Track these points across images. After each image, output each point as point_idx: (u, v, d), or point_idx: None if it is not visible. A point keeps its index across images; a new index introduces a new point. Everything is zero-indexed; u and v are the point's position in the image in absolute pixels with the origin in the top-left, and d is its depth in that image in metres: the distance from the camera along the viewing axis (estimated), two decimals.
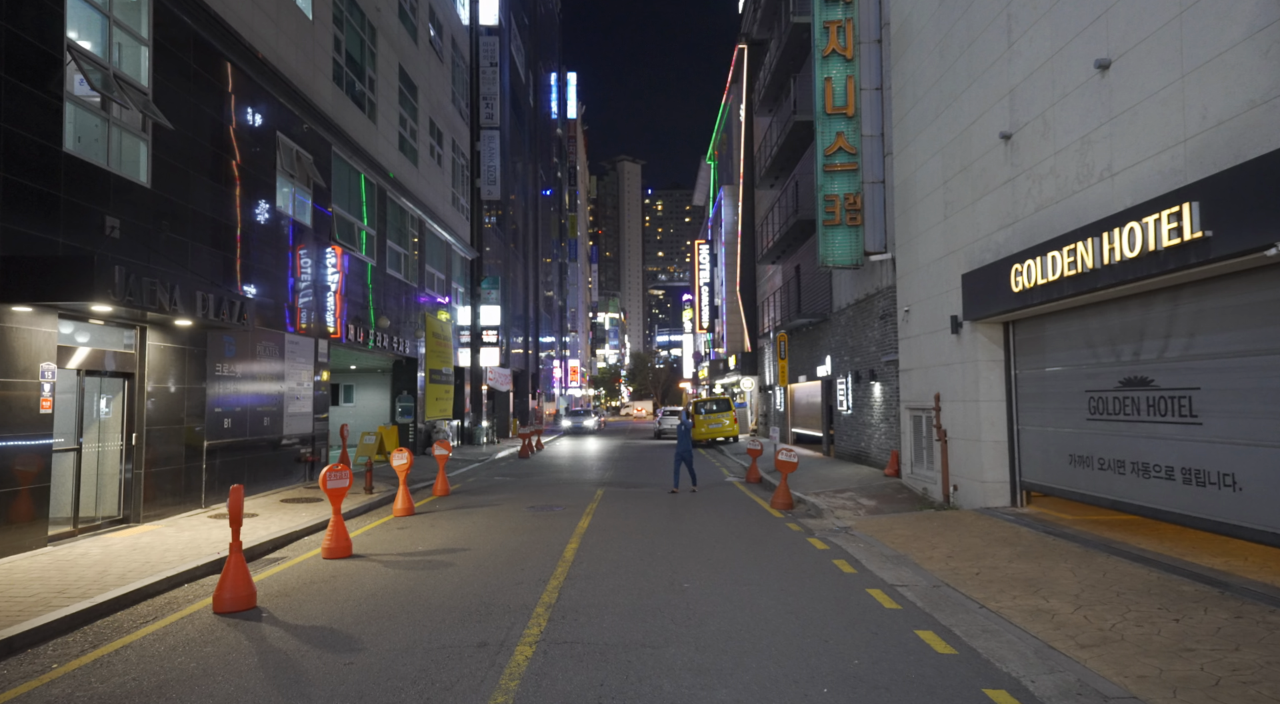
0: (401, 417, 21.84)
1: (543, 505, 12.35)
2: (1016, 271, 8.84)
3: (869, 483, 13.99)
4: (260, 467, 13.05)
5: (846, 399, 17.80)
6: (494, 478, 17.26)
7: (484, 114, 30.85)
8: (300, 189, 14.82)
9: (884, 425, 15.22)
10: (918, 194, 12.55)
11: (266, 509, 11.48)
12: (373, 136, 18.38)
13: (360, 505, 12.04)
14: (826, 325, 19.79)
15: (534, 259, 45.21)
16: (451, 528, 10.29)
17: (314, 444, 15.14)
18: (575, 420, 42.73)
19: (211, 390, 11.55)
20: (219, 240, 11.72)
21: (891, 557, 8.09)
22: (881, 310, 15.10)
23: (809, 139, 20.54)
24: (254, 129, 12.83)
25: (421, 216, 22.37)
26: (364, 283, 17.90)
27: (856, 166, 14.94)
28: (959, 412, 11.06)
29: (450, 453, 14.24)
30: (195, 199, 11.07)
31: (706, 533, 9.75)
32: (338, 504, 8.58)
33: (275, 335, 13.49)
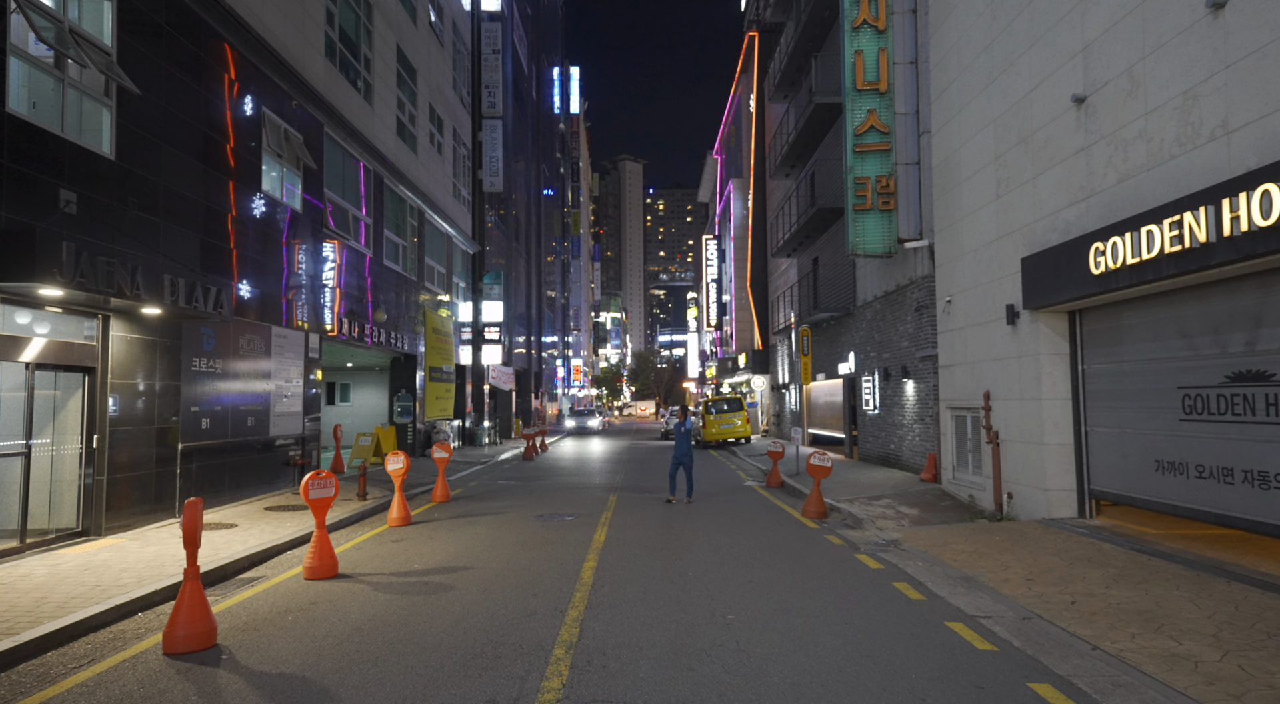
0: (400, 417, 20.77)
1: (552, 514, 11.26)
2: (1098, 251, 7.74)
3: (904, 489, 12.90)
4: (244, 471, 11.97)
5: (873, 398, 16.70)
6: (497, 482, 16.18)
7: (486, 103, 29.77)
8: (290, 171, 13.74)
9: (918, 426, 14.12)
10: (962, 173, 11.45)
11: (248, 518, 10.39)
12: (369, 119, 17.30)
13: (352, 514, 10.96)
14: (849, 320, 18.69)
15: (536, 256, 44.15)
16: (452, 541, 9.20)
17: (304, 446, 14.06)
18: (579, 421, 41.65)
19: (187, 387, 10.46)
20: (196, 223, 10.64)
21: (960, 578, 7.00)
22: (916, 302, 14.00)
23: (829, 123, 19.46)
24: (236, 102, 11.75)
25: (421, 206, 21.29)
26: (360, 274, 16.83)
27: (889, 146, 13.84)
28: (1014, 411, 9.97)
29: (451, 455, 13.18)
30: (169, 175, 9.98)
31: (740, 548, 8.65)
32: (321, 517, 7.50)
33: (261, 328, 12.41)
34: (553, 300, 52.66)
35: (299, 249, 13.86)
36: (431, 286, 22.74)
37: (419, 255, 21.45)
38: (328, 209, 15.21)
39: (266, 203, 12.68)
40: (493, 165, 29.48)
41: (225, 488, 11.42)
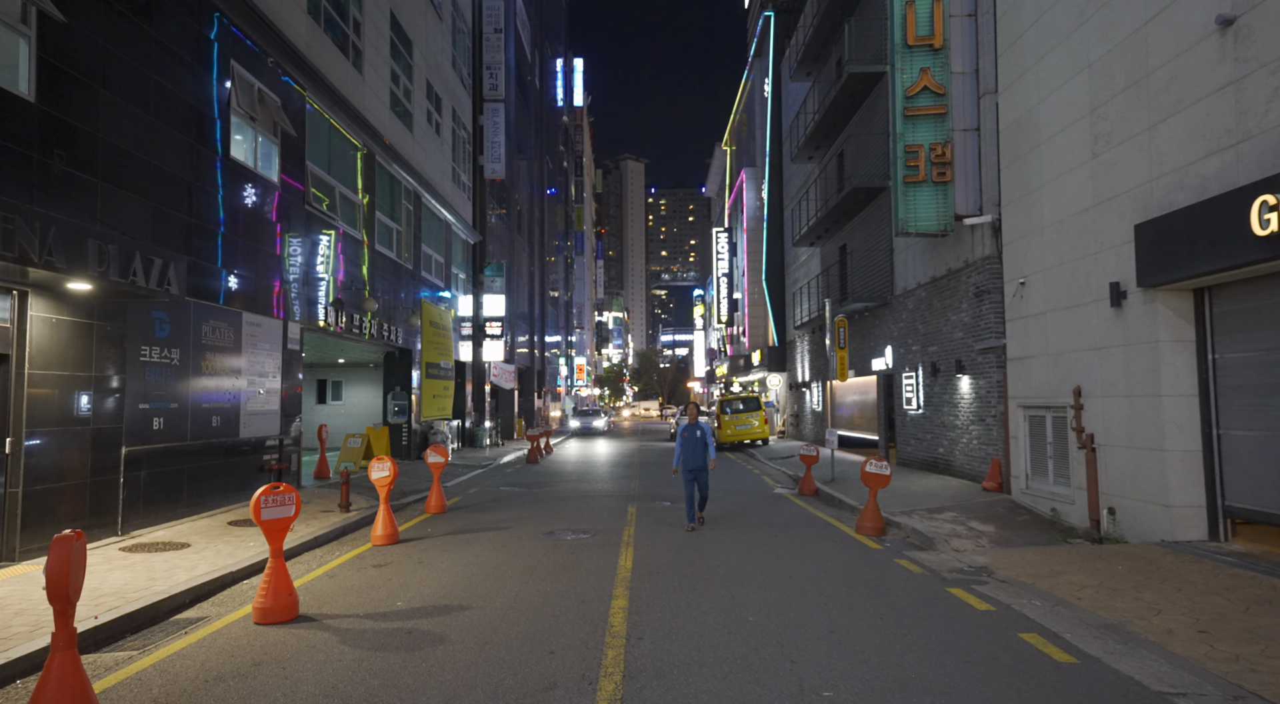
0: (394, 416, 19.16)
1: (565, 530, 9.63)
2: (1265, 206, 6.10)
3: (966, 499, 11.26)
4: (207, 478, 10.35)
5: (916, 396, 15.06)
6: (499, 488, 14.56)
7: (488, 85, 28.15)
8: (266, 137, 12.12)
9: (976, 428, 12.48)
10: (1041, 133, 9.82)
11: (206, 535, 8.78)
12: (358, 89, 15.69)
13: (330, 528, 9.34)
14: (885, 311, 17.05)
15: (539, 251, 42.52)
16: (446, 566, 7.57)
17: (282, 449, 12.44)
18: (584, 421, 40.03)
19: (135, 381, 8.85)
20: (147, 188, 9.03)
21: (1103, 627, 5.37)
22: (974, 287, 12.36)
23: (863, 95, 17.83)
24: (197, 50, 10.13)
25: (417, 189, 19.68)
26: (349, 259, 15.21)
27: (945, 110, 12.20)
28: (1118, 411, 8.33)
29: (448, 460, 11.56)
30: (110, 128, 8.37)
31: (800, 577, 7.03)
32: (278, 543, 5.88)
33: (228, 314, 10.80)
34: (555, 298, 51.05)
35: (276, 227, 12.24)
36: (429, 276, 21.13)
37: (415, 242, 19.83)
38: (310, 184, 13.59)
39: (236, 171, 11.07)
40: (494, 151, 27.86)
41: (183, 499, 9.80)
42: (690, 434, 9.60)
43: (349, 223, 15.47)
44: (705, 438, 9.58)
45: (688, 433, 9.61)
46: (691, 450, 9.58)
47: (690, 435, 9.59)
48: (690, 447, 9.58)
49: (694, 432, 9.61)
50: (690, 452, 9.58)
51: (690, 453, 9.57)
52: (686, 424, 9.68)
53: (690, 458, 9.56)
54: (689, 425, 9.69)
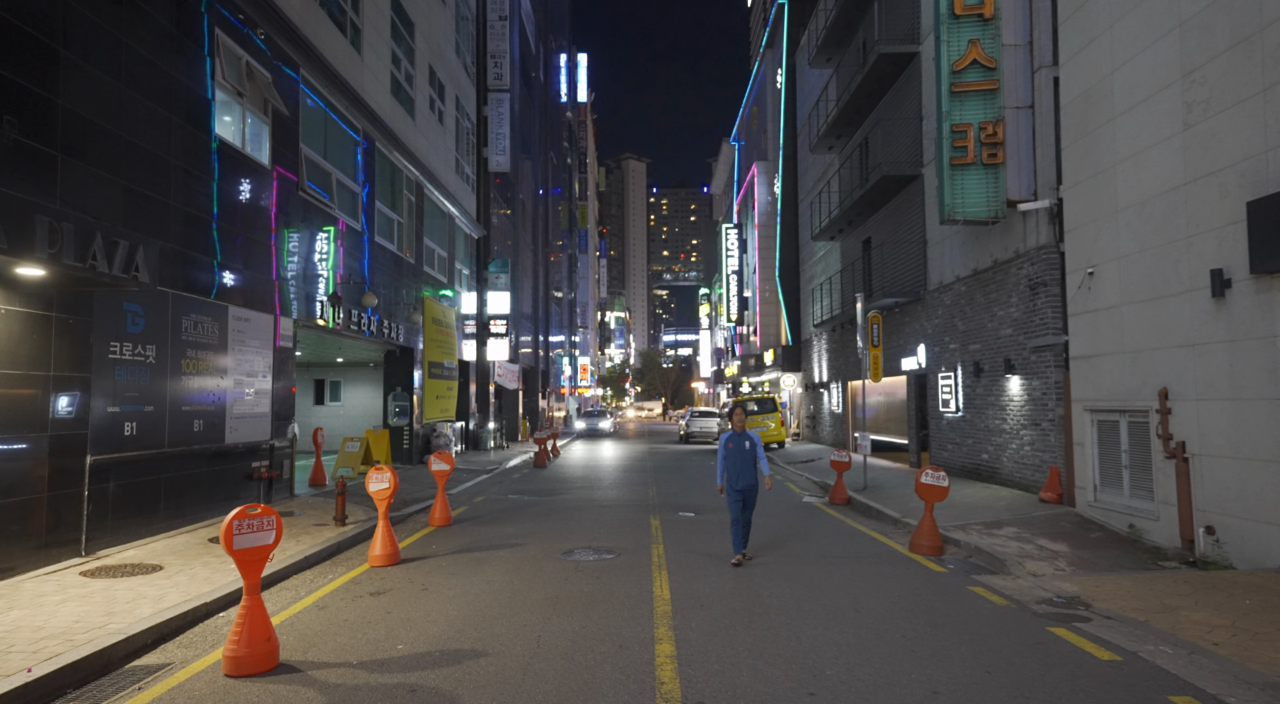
0: (395, 418, 18.14)
1: (586, 548, 8.61)
2: None
3: (1024, 512, 10.24)
4: (187, 489, 9.34)
5: (954, 398, 14.03)
6: (508, 496, 13.55)
7: (492, 74, 27.16)
8: (254, 115, 11.12)
9: (1029, 432, 11.44)
10: (1116, 104, 8.80)
11: (183, 555, 7.77)
12: (356, 69, 14.68)
13: (324, 546, 8.32)
14: (918, 307, 16.02)
15: (544, 248, 41.53)
16: (454, 595, 6.56)
17: (274, 455, 11.44)
18: (590, 422, 39.01)
19: (103, 380, 7.84)
20: (118, 164, 8.02)
21: (1269, 687, 4.36)
22: (1027, 279, 11.33)
23: (891, 78, 16.81)
24: (178, 16, 9.13)
25: (419, 179, 18.67)
26: (346, 251, 14.20)
27: (996, 85, 11.18)
28: (1223, 416, 7.32)
29: (453, 467, 10.55)
30: (74, 95, 7.37)
31: (868, 612, 6.01)
32: (254, 576, 4.88)
33: (212, 308, 9.79)
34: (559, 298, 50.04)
35: (268, 214, 11.24)
36: (431, 272, 20.13)
37: (417, 235, 18.83)
38: (305, 169, 12.58)
39: (222, 152, 10.06)
40: (499, 142, 26.87)
41: (159, 512, 8.79)
42: (737, 445, 7.77)
43: (347, 213, 14.47)
44: (755, 449, 7.79)
45: (733, 443, 7.78)
46: (739, 465, 7.75)
47: (737, 447, 7.76)
48: (737, 461, 7.74)
49: (741, 442, 7.77)
50: (738, 467, 7.75)
51: (738, 468, 7.74)
52: (731, 433, 7.86)
53: (739, 474, 7.73)
54: (734, 434, 7.84)
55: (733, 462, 7.80)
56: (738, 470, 7.78)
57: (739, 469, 7.78)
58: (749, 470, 7.79)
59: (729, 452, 7.82)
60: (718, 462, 7.82)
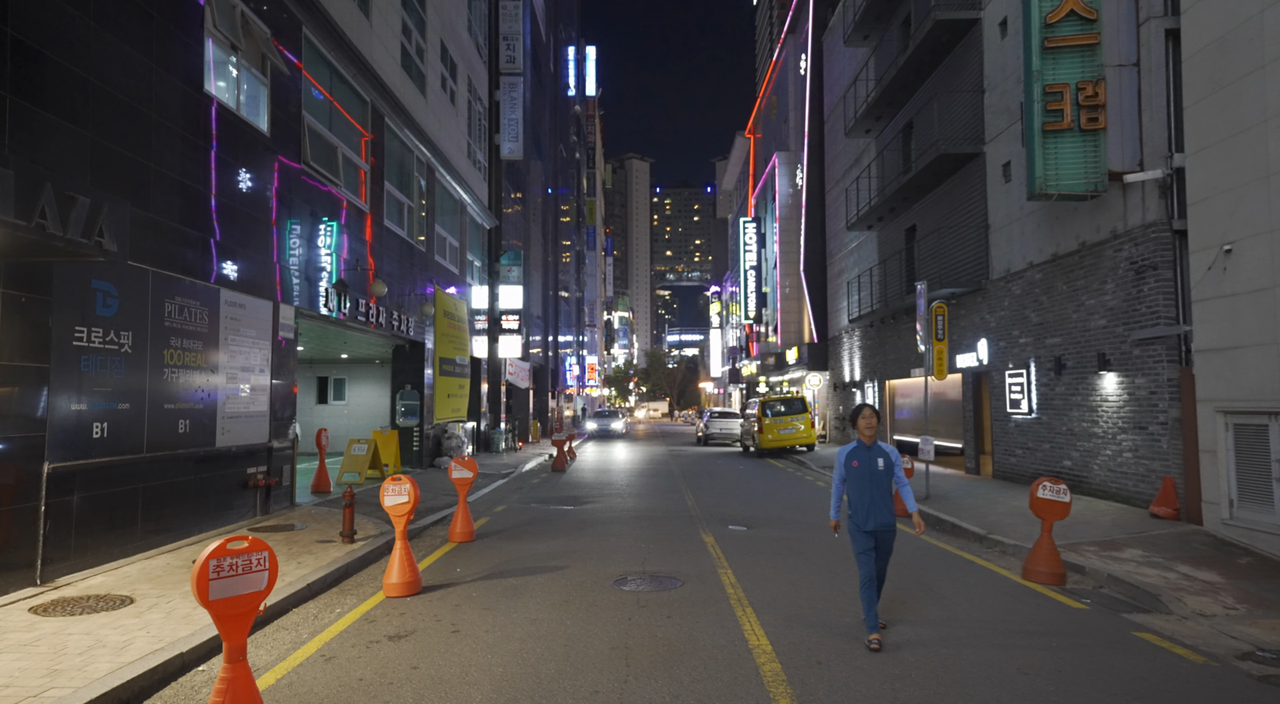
0: (404, 418, 16.81)
1: (639, 574, 7.26)
2: None
3: (1135, 528, 8.88)
4: (170, 501, 8.01)
5: (1026, 397, 12.66)
6: (530, 505, 12.21)
7: (505, 57, 25.86)
8: (251, 76, 9.80)
9: (1130, 437, 10.07)
10: (1266, 51, 7.46)
11: (162, 582, 6.44)
12: (364, 34, 13.35)
13: (330, 569, 6.98)
14: (977, 299, 14.65)
15: (553, 244, 40.22)
16: (494, 641, 5.22)
17: (272, 460, 10.11)
18: (601, 423, 37.69)
19: (65, 373, 6.52)
20: (85, 113, 6.70)
21: None
22: (1128, 261, 9.97)
23: (944, 50, 15.47)
24: None
25: (431, 161, 17.34)
26: (352, 234, 12.87)
27: (1097, 39, 9.82)
28: None
29: (476, 474, 9.21)
30: (23, 23, 6.05)
31: (1042, 675, 4.67)
32: (238, 638, 3.55)
33: (201, 290, 8.46)
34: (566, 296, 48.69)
35: (264, 186, 9.91)
36: (443, 262, 18.80)
37: (429, 221, 17.50)
38: (307, 139, 11.26)
39: (213, 110, 8.73)
40: (511, 129, 25.55)
41: (135, 529, 7.46)
42: (865, 464, 5.27)
43: (354, 191, 13.14)
44: (893, 470, 5.34)
45: (859, 460, 5.29)
46: (870, 493, 5.21)
47: (865, 466, 5.27)
48: (866, 486, 5.23)
49: (871, 460, 5.28)
50: (868, 495, 5.21)
51: (868, 497, 5.21)
52: (855, 445, 5.40)
53: (868, 507, 5.20)
54: (859, 447, 5.35)
55: (860, 486, 5.26)
56: (867, 501, 5.21)
57: (869, 499, 5.21)
58: (883, 502, 5.23)
59: (853, 472, 5.31)
60: (833, 484, 5.49)
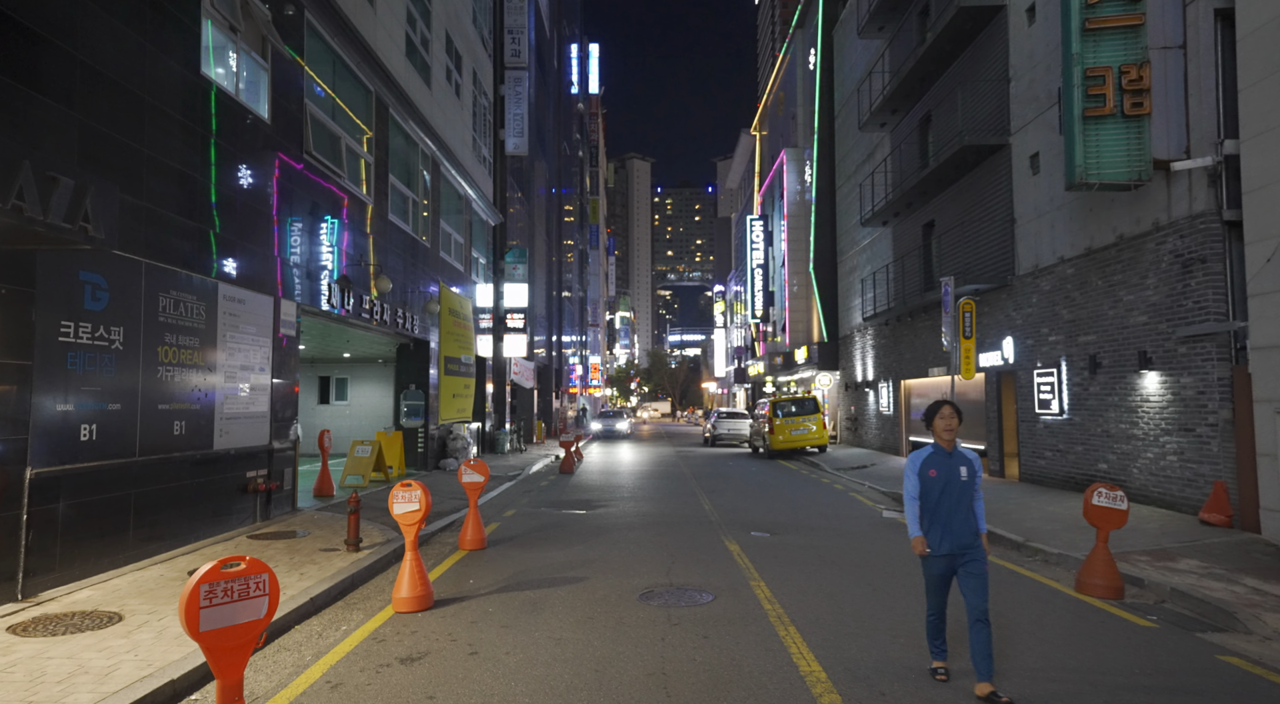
0: (408, 418, 16.34)
1: (666, 587, 6.79)
2: None
3: (1186, 536, 8.40)
4: (165, 507, 7.53)
5: (1056, 398, 12.18)
6: (541, 509, 11.74)
7: (509, 51, 25.39)
8: (251, 60, 9.33)
9: (1175, 439, 9.59)
10: None
11: (154, 596, 5.97)
12: (369, 21, 12.88)
13: (334, 581, 6.51)
14: (1002, 295, 14.17)
15: (557, 242, 39.75)
16: (516, 664, 4.74)
17: (271, 463, 9.64)
18: (606, 424, 37.20)
19: (50, 372, 6.05)
20: (72, 93, 6.24)
21: None
22: (1174, 254, 9.49)
23: (967, 39, 14.99)
24: None
25: (436, 155, 16.87)
26: (355, 227, 12.40)
27: (1141, 20, 9.34)
28: None
29: (488, 478, 8.74)
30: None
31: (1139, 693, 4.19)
32: (234, 674, 3.11)
33: (198, 284, 7.99)
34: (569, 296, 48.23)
35: (264, 176, 9.44)
36: (448, 258, 18.33)
37: (433, 216, 17.03)
38: (309, 128, 10.79)
39: (211, 95, 8.26)
40: (516, 123, 25.09)
41: (127, 538, 6.98)
42: (945, 472, 4.38)
43: (357, 184, 12.67)
44: (975, 479, 4.42)
45: (937, 469, 4.39)
46: (949, 506, 4.35)
47: (945, 475, 4.38)
48: (947, 497, 4.36)
49: (952, 468, 4.39)
50: (947, 507, 4.36)
51: (947, 510, 4.36)
52: (931, 449, 4.49)
53: (945, 524, 4.35)
54: (935, 452, 4.45)
55: (937, 501, 4.37)
56: (945, 515, 4.34)
57: (947, 516, 4.34)
58: (961, 516, 4.34)
59: (930, 484, 4.39)
60: (905, 499, 4.51)
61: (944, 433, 4.44)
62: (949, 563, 4.40)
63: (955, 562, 4.38)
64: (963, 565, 4.36)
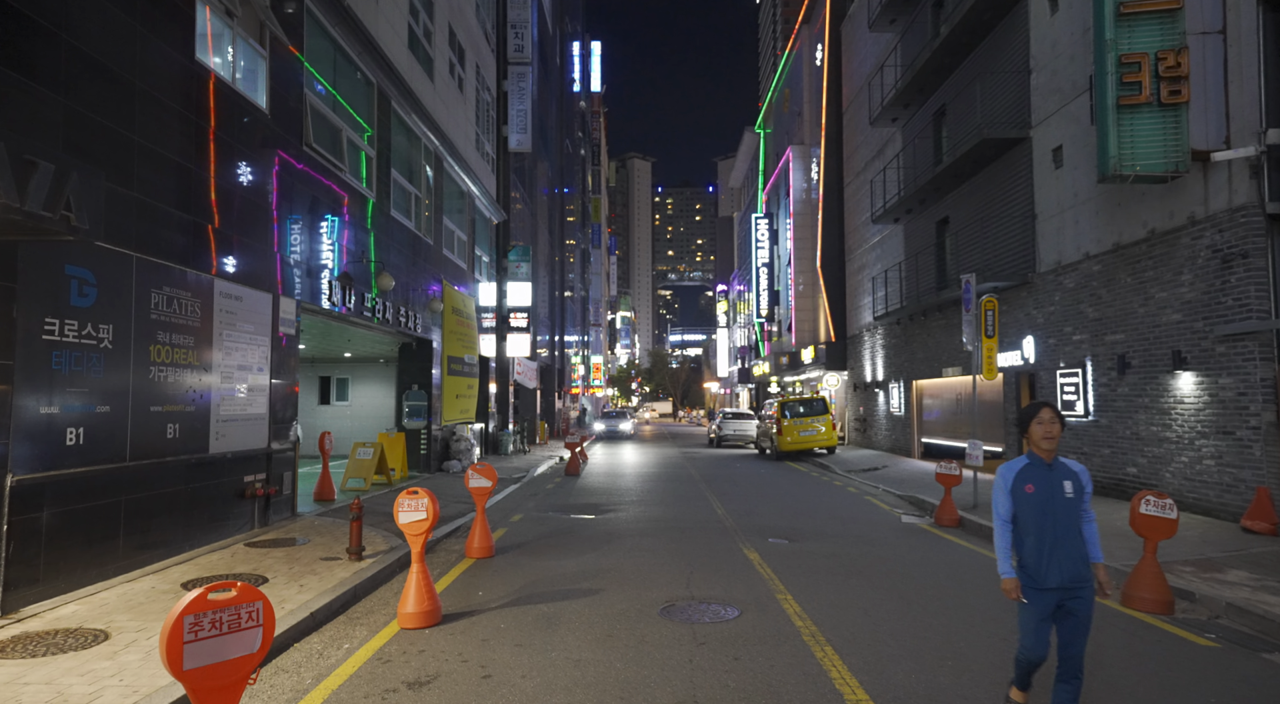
0: (410, 419, 15.97)
1: (688, 599, 6.41)
2: None
3: (1230, 545, 8.03)
4: (157, 514, 7.16)
5: (1082, 398, 11.80)
6: (548, 514, 11.36)
7: (513, 46, 25.01)
8: (249, 46, 8.96)
9: (1211, 442, 9.21)
10: None
11: (144, 611, 5.59)
12: (370, 10, 12.49)
13: (335, 594, 6.12)
14: (1022, 293, 13.79)
15: (560, 241, 39.38)
16: (534, 694, 4.36)
17: (270, 467, 9.26)
18: (610, 424, 36.83)
19: (32, 372, 5.67)
20: (57, 77, 5.86)
21: None
22: (1212, 249, 9.11)
23: (986, 29, 14.60)
24: None
25: (439, 150, 16.50)
26: (356, 223, 12.03)
27: (1179, 4, 8.95)
28: None
29: (495, 482, 8.36)
30: None
31: None
32: None
33: (193, 280, 7.62)
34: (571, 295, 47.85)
35: (260, 166, 9.06)
36: (451, 256, 17.96)
37: (436, 213, 16.65)
38: (309, 117, 10.41)
39: (206, 82, 7.88)
40: (520, 120, 24.70)
41: (117, 548, 6.61)
42: (1046, 488, 3.63)
43: (358, 178, 12.29)
44: (1084, 495, 3.65)
45: (1037, 484, 3.64)
46: (1055, 530, 3.59)
47: (1045, 491, 3.63)
48: (1050, 519, 3.60)
49: (1055, 483, 3.64)
50: (1053, 533, 3.59)
51: (1053, 536, 3.58)
52: (1028, 462, 3.72)
53: (1049, 552, 3.58)
54: (1031, 461, 3.71)
55: (1038, 523, 3.60)
56: (1049, 544, 3.57)
57: (1052, 541, 3.57)
58: (1072, 545, 3.57)
59: (1027, 501, 3.63)
60: (996, 522, 3.74)
61: (1043, 441, 3.65)
62: (1055, 599, 3.57)
63: (1064, 598, 3.57)
64: (1066, 608, 3.57)
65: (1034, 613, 3.61)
